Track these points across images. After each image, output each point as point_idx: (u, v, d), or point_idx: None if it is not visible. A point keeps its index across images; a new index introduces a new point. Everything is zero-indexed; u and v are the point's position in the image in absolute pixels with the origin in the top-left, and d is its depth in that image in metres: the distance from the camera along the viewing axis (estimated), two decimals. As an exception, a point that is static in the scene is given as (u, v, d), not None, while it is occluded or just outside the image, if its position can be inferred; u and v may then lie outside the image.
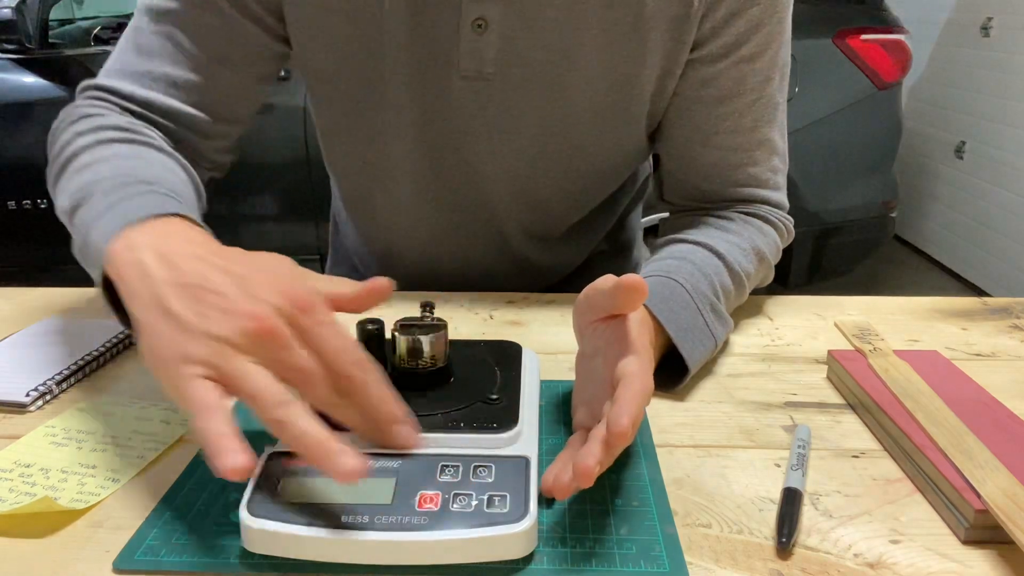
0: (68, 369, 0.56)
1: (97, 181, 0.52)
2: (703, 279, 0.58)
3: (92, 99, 0.64)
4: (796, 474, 0.43)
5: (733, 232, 0.65)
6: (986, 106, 2.97)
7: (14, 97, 2.07)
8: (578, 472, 0.36)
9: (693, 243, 0.63)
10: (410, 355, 0.46)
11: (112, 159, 0.56)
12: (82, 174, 0.55)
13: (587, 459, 0.36)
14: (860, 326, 0.64)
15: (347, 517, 0.36)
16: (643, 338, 0.45)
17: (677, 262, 0.60)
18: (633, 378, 0.40)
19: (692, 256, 0.61)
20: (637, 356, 0.42)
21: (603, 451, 0.37)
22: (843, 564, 0.38)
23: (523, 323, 0.67)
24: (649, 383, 0.41)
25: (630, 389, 0.39)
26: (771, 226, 0.68)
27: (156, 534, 0.39)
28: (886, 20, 2.29)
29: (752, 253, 0.64)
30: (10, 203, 2.11)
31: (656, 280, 0.56)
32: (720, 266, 0.61)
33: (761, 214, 0.68)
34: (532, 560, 0.37)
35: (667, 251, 0.63)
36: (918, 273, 3.28)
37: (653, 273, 0.57)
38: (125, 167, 0.54)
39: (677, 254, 0.61)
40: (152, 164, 0.57)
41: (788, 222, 0.70)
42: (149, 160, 0.58)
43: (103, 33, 2.39)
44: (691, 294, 0.56)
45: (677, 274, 0.57)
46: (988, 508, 0.38)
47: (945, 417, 0.47)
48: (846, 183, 2.34)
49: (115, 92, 0.63)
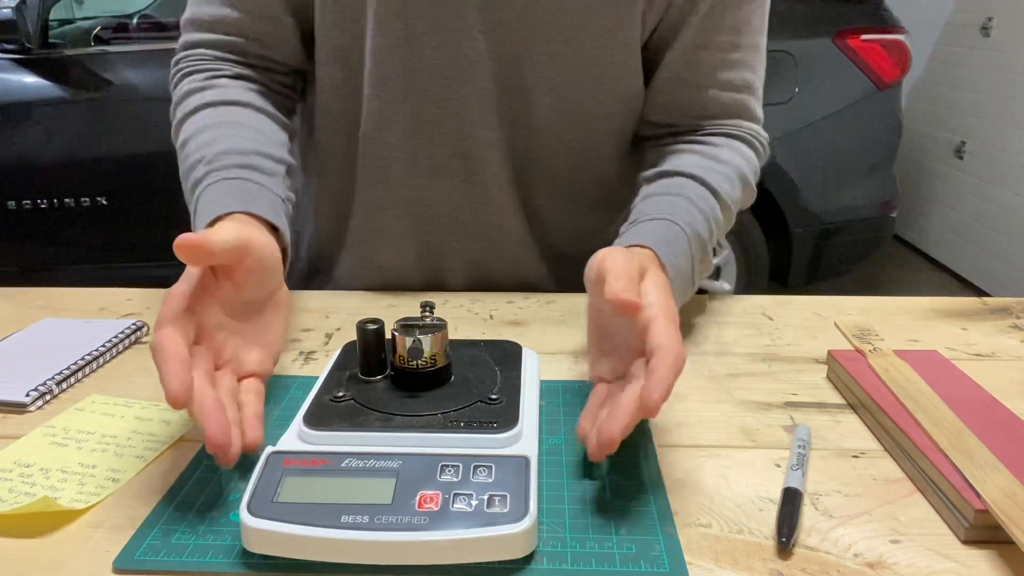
0: (68, 369, 0.56)
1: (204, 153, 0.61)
2: (700, 218, 0.60)
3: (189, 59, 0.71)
4: (796, 474, 0.43)
5: (720, 160, 0.66)
6: (986, 106, 2.97)
7: (14, 97, 2.07)
8: (603, 441, 0.40)
9: (686, 176, 0.63)
10: (410, 355, 0.46)
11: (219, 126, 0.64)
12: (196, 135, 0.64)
13: (612, 428, 0.40)
14: (860, 326, 0.64)
15: (347, 517, 0.36)
16: (669, 301, 0.46)
17: (674, 199, 0.61)
18: (668, 351, 0.41)
19: (686, 191, 0.62)
20: (669, 325, 0.43)
21: (631, 421, 0.40)
22: (843, 564, 0.38)
23: (523, 323, 0.67)
24: (682, 353, 0.42)
25: (664, 363, 0.40)
26: (751, 148, 0.69)
27: (156, 534, 0.39)
28: (886, 20, 2.29)
29: (738, 180, 0.66)
30: (10, 203, 2.11)
31: (661, 224, 0.57)
32: (713, 201, 0.62)
33: (742, 135, 0.69)
34: (532, 560, 0.37)
35: (661, 185, 0.64)
36: (918, 273, 3.28)
37: (656, 215, 0.58)
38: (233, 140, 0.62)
39: (672, 189, 0.62)
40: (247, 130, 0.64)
41: (765, 140, 0.72)
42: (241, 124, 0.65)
43: (103, 33, 2.38)
44: (689, 240, 0.57)
45: (678, 216, 0.58)
46: (988, 508, 0.38)
47: (945, 417, 0.47)
48: (846, 183, 2.34)
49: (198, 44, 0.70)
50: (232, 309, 0.49)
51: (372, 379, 0.48)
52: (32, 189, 2.11)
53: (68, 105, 2.09)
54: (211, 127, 0.64)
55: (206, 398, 0.41)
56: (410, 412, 0.44)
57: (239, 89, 0.68)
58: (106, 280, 2.24)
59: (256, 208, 0.55)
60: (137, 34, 2.51)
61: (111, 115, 2.08)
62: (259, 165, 0.61)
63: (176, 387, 0.39)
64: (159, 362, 0.40)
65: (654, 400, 0.39)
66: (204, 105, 0.66)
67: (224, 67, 0.69)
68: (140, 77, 2.10)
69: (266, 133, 0.66)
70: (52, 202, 2.12)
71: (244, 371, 0.48)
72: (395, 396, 0.46)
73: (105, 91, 2.07)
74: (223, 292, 0.48)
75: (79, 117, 2.09)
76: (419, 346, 0.46)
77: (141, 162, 2.09)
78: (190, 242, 0.44)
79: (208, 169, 0.59)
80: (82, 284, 0.77)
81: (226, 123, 0.64)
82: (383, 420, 0.44)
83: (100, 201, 2.12)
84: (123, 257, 2.21)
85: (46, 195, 2.11)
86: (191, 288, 0.45)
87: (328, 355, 0.61)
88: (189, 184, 0.61)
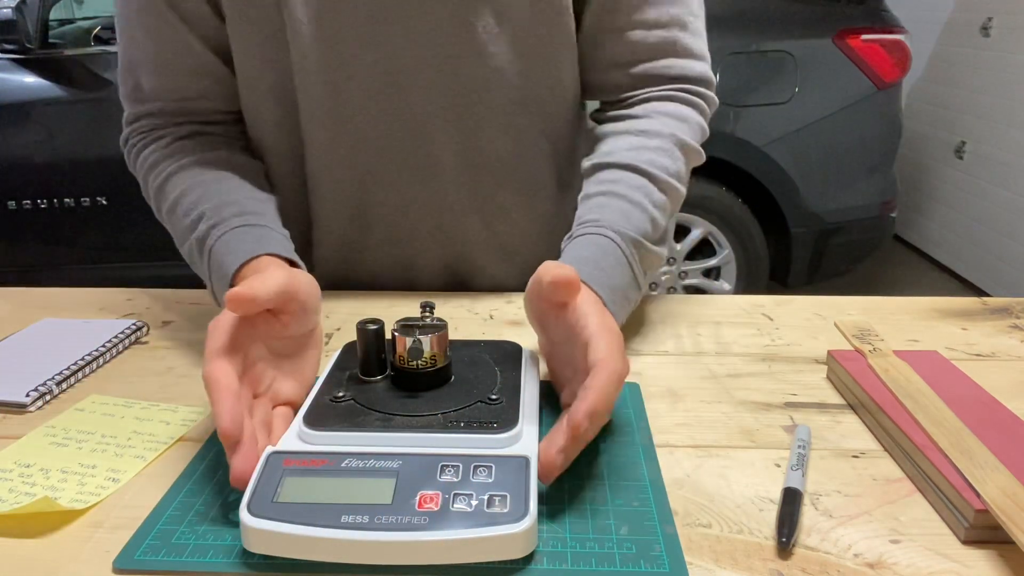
0: (68, 369, 0.56)
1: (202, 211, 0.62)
2: (636, 216, 0.60)
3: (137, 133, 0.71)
4: (796, 474, 0.43)
5: (652, 134, 0.65)
6: (986, 106, 2.97)
7: (14, 97, 2.07)
8: (542, 463, 0.40)
9: (618, 167, 0.63)
10: (410, 355, 0.46)
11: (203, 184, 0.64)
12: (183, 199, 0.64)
13: (549, 450, 0.40)
14: (860, 326, 0.64)
15: (347, 517, 0.36)
16: (603, 318, 0.46)
17: (605, 199, 0.61)
18: (601, 366, 0.42)
19: (618, 188, 0.61)
20: (603, 340, 0.44)
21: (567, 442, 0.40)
22: (843, 564, 0.38)
23: (523, 323, 0.67)
24: (617, 366, 0.42)
25: (596, 378, 0.41)
26: (691, 107, 0.68)
27: (156, 534, 0.39)
28: (886, 20, 2.29)
29: (676, 148, 0.65)
30: (10, 203, 2.12)
31: (587, 240, 0.57)
32: (651, 187, 0.62)
33: (671, 94, 0.68)
34: (532, 560, 0.37)
35: (597, 181, 0.63)
36: (918, 273, 3.28)
37: (588, 230, 0.58)
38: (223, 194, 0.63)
39: (605, 186, 0.62)
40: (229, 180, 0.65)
41: (704, 88, 0.69)
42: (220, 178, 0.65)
43: (103, 33, 2.38)
44: (622, 249, 0.57)
45: (607, 222, 0.58)
46: (988, 508, 0.38)
47: (945, 417, 0.47)
48: (846, 183, 2.34)
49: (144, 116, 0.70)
50: (274, 344, 0.49)
51: (372, 379, 0.48)
52: (32, 189, 2.11)
53: (68, 105, 2.09)
54: (193, 187, 0.63)
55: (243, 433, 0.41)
56: (410, 412, 0.44)
57: (201, 145, 0.68)
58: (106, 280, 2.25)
59: (277, 250, 0.57)
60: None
61: (111, 115, 2.07)
62: (254, 210, 0.62)
63: (228, 424, 0.40)
64: (213, 395, 0.41)
65: (579, 415, 0.39)
66: (178, 169, 0.65)
67: (178, 130, 0.69)
68: (140, 77, 2.10)
69: (244, 175, 0.66)
70: (52, 202, 2.12)
71: (279, 401, 0.49)
72: (395, 396, 0.46)
73: (105, 91, 2.07)
74: (267, 328, 0.48)
75: (79, 117, 2.09)
76: (419, 346, 0.46)
77: (141, 162, 2.08)
78: (240, 297, 0.44)
79: (211, 224, 0.60)
80: (82, 284, 0.77)
81: (206, 181, 0.64)
82: (383, 420, 0.44)
83: (100, 201, 2.13)
84: (123, 257, 2.21)
85: (46, 195, 2.11)
86: (237, 320, 0.45)
87: (328, 355, 0.61)
88: (193, 242, 0.61)
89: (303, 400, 0.48)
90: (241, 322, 0.45)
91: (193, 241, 0.61)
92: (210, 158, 0.66)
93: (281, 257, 0.57)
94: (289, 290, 0.48)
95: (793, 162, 2.25)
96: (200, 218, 0.61)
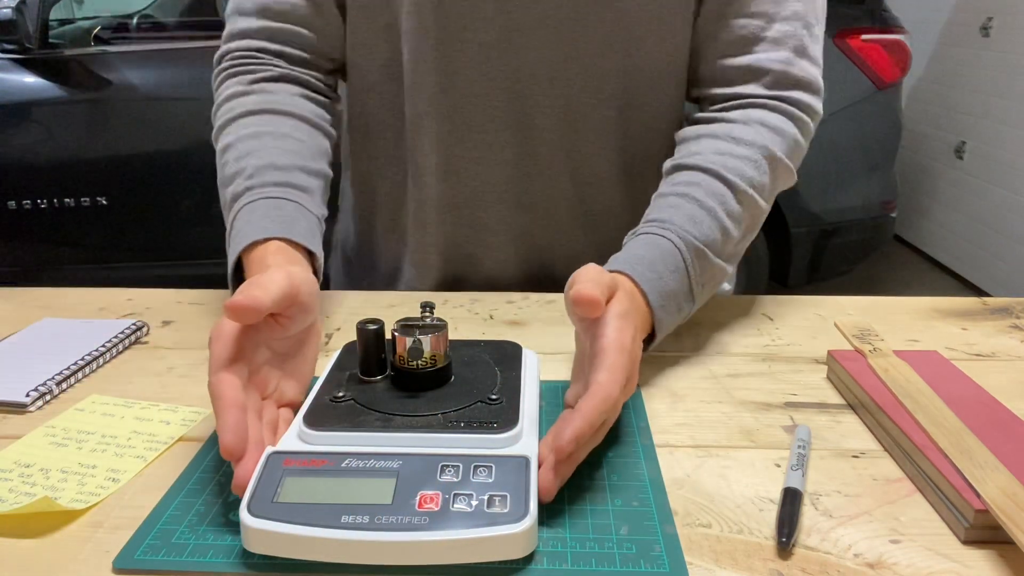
0: (68, 369, 0.56)
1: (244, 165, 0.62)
2: (705, 217, 0.58)
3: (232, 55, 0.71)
4: (796, 474, 0.43)
5: (740, 141, 0.62)
6: (986, 106, 2.97)
7: (14, 97, 2.07)
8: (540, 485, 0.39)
9: (699, 170, 0.61)
10: (410, 355, 0.46)
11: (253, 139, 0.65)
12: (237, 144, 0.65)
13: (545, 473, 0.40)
14: (860, 326, 0.64)
15: (347, 517, 0.36)
16: (622, 335, 0.44)
17: (677, 200, 0.59)
18: (596, 389, 0.41)
19: (695, 190, 0.59)
20: (608, 359, 0.43)
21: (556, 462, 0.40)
22: (843, 564, 0.38)
23: (523, 323, 0.67)
24: (612, 392, 0.41)
25: (588, 401, 0.41)
26: (790, 119, 0.64)
27: (156, 534, 0.39)
28: (886, 20, 2.29)
29: (764, 161, 0.62)
30: (10, 203, 2.12)
31: (648, 240, 0.56)
32: (727, 193, 0.59)
33: (779, 107, 0.64)
34: (532, 560, 0.37)
35: (673, 181, 0.62)
36: (918, 273, 3.28)
37: (652, 229, 0.57)
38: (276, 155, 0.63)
39: (680, 188, 0.60)
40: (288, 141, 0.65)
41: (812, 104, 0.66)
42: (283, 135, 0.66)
43: (103, 33, 2.39)
44: (683, 254, 0.56)
45: (672, 224, 0.57)
46: (988, 508, 0.38)
47: (945, 417, 0.47)
48: (846, 183, 2.34)
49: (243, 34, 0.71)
50: (276, 345, 0.49)
51: (372, 379, 0.48)
52: (32, 189, 2.11)
53: (68, 105, 2.09)
54: (252, 136, 0.64)
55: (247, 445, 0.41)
56: (410, 412, 0.44)
57: (283, 94, 0.69)
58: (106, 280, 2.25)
59: (294, 234, 0.57)
60: (137, 34, 2.51)
61: (111, 115, 2.08)
62: (298, 183, 0.62)
63: (231, 440, 0.39)
64: (218, 409, 0.41)
65: (562, 439, 0.39)
66: (246, 112, 0.66)
67: (268, 68, 0.70)
68: (140, 77, 2.10)
69: (307, 144, 0.66)
70: (52, 202, 2.12)
71: (283, 401, 0.49)
72: (395, 396, 0.46)
73: (105, 91, 2.07)
74: (269, 331, 0.47)
75: (79, 117, 2.09)
76: (419, 346, 0.46)
77: (141, 162, 2.09)
78: (241, 306, 0.43)
79: (248, 185, 0.60)
80: (82, 284, 0.77)
81: (267, 133, 0.65)
82: (383, 420, 0.44)
83: (100, 201, 2.13)
84: (123, 257, 2.21)
85: (46, 195, 2.11)
86: (239, 327, 0.45)
87: (328, 355, 0.61)
88: (228, 196, 0.62)
89: (303, 399, 0.48)
90: (243, 329, 0.45)
91: (228, 194, 0.61)
92: (283, 111, 0.67)
93: (299, 246, 0.56)
94: (290, 294, 0.47)
95: (793, 162, 2.25)
96: (240, 172, 0.61)
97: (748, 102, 0.65)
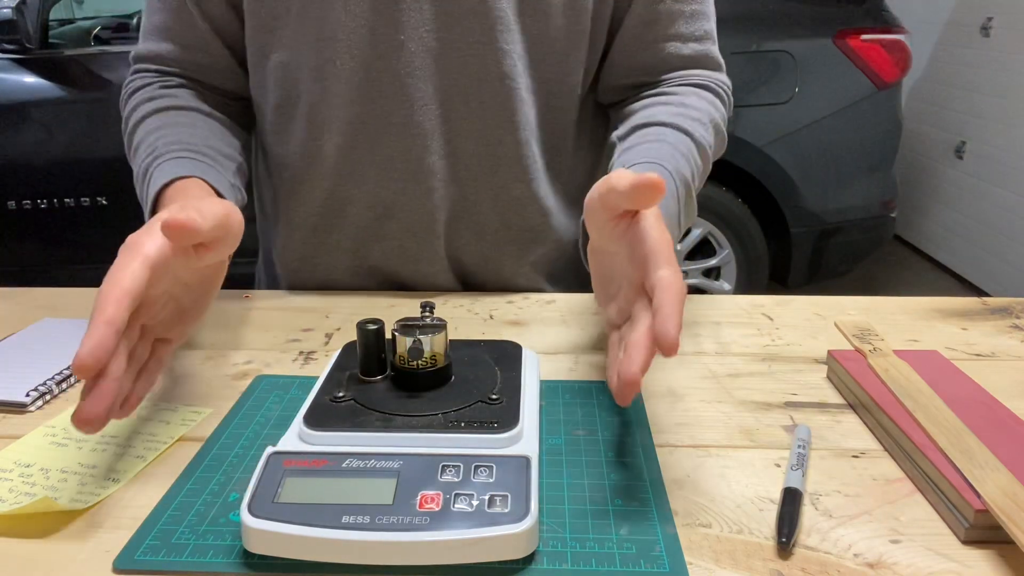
0: (68, 369, 0.56)
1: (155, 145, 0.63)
2: (683, 162, 0.60)
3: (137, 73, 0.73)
4: (796, 474, 0.43)
5: (689, 107, 0.66)
6: (986, 106, 2.97)
7: (14, 97, 2.07)
8: (627, 380, 0.38)
9: (661, 124, 0.64)
10: (410, 355, 0.46)
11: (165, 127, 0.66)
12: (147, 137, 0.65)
13: (631, 368, 0.38)
14: (860, 326, 0.64)
15: (347, 517, 0.36)
16: (666, 235, 0.44)
17: (655, 144, 0.61)
18: (669, 286, 0.40)
19: (665, 137, 0.62)
20: (667, 260, 0.42)
21: (646, 357, 0.39)
22: (843, 564, 0.38)
23: (523, 323, 0.67)
24: (683, 287, 0.41)
25: (667, 297, 0.39)
26: (716, 96, 0.70)
27: (156, 534, 0.39)
28: (886, 20, 2.29)
29: (710, 125, 0.66)
30: (10, 203, 2.12)
31: (647, 168, 0.57)
32: (692, 145, 0.63)
33: (706, 83, 0.70)
34: (532, 560, 0.37)
35: (639, 136, 0.64)
36: (918, 273, 3.28)
37: (641, 160, 0.59)
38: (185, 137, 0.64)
39: (650, 137, 0.63)
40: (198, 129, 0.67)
41: (728, 87, 0.73)
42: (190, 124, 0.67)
43: (103, 33, 2.39)
44: (676, 183, 0.58)
45: (662, 159, 0.59)
46: (988, 508, 0.38)
47: (945, 417, 0.47)
48: (846, 183, 2.34)
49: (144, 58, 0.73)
50: (183, 275, 0.47)
51: (372, 379, 0.48)
52: (32, 189, 2.11)
53: (68, 105, 2.09)
54: (160, 128, 0.65)
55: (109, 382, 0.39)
56: (410, 412, 0.45)
57: (188, 95, 0.70)
58: (106, 280, 2.23)
59: (209, 177, 0.58)
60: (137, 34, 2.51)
61: (111, 115, 2.07)
62: (209, 154, 0.63)
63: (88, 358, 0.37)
64: (96, 319, 0.38)
65: (671, 336, 0.37)
66: (154, 111, 0.67)
67: (172, 79, 0.71)
68: (140, 77, 2.10)
69: (216, 134, 0.67)
70: (52, 202, 2.12)
71: (163, 336, 0.47)
72: (395, 396, 0.46)
73: (105, 91, 2.07)
74: (186, 258, 0.45)
75: (79, 117, 2.09)
76: (419, 346, 0.46)
77: (141, 162, 2.09)
78: (179, 224, 0.41)
79: (157, 155, 0.61)
80: (82, 284, 0.77)
81: (177, 124, 0.65)
82: (383, 420, 0.44)
83: (100, 201, 2.13)
84: (123, 257, 2.21)
85: (46, 195, 2.12)
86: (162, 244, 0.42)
87: (328, 355, 0.61)
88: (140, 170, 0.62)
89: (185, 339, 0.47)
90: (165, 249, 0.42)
91: (141, 167, 0.62)
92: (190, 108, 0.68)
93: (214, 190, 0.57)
94: (226, 224, 0.45)
95: (793, 162, 2.26)
96: (151, 153, 0.62)
97: (684, 81, 0.71)
